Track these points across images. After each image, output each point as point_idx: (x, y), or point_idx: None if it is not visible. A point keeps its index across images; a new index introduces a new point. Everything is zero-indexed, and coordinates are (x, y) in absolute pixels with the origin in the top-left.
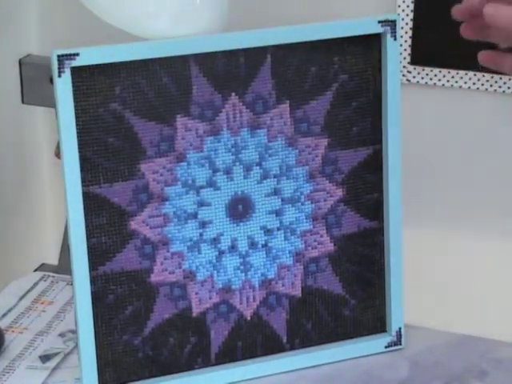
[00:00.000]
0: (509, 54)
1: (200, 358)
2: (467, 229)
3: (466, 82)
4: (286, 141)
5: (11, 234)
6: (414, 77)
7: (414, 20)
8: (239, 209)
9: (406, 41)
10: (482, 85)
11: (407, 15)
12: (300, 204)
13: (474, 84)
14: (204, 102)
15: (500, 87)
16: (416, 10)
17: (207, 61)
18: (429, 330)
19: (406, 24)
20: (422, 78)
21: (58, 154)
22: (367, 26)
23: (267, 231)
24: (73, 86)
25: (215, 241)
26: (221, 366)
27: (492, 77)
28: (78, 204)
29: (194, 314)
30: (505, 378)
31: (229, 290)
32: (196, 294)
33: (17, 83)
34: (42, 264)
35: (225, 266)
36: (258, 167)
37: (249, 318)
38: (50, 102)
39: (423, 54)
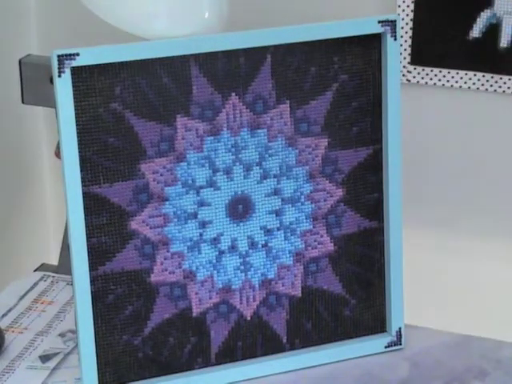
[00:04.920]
0: None
1: (200, 358)
2: (467, 229)
3: (465, 82)
4: (286, 141)
5: (11, 234)
6: (414, 77)
7: (414, 20)
8: (239, 209)
9: (406, 41)
10: (482, 85)
11: (407, 15)
12: (300, 204)
13: (473, 84)
14: (204, 101)
15: (500, 87)
16: (416, 10)
17: (207, 61)
18: (429, 330)
19: (406, 24)
20: (422, 78)
21: (58, 154)
22: (367, 25)
23: (267, 231)
24: (73, 86)
25: (215, 241)
26: (221, 366)
27: (492, 77)
28: (78, 204)
29: (194, 314)
30: (505, 377)
31: (229, 289)
32: (196, 294)
33: (17, 83)
34: (42, 264)
35: (225, 266)
36: (258, 167)
37: (249, 318)
38: (50, 102)
39: (423, 53)
